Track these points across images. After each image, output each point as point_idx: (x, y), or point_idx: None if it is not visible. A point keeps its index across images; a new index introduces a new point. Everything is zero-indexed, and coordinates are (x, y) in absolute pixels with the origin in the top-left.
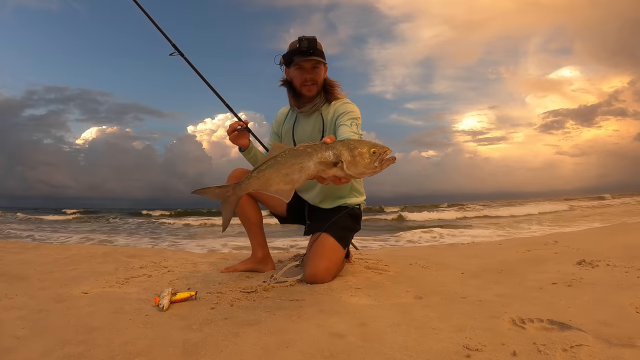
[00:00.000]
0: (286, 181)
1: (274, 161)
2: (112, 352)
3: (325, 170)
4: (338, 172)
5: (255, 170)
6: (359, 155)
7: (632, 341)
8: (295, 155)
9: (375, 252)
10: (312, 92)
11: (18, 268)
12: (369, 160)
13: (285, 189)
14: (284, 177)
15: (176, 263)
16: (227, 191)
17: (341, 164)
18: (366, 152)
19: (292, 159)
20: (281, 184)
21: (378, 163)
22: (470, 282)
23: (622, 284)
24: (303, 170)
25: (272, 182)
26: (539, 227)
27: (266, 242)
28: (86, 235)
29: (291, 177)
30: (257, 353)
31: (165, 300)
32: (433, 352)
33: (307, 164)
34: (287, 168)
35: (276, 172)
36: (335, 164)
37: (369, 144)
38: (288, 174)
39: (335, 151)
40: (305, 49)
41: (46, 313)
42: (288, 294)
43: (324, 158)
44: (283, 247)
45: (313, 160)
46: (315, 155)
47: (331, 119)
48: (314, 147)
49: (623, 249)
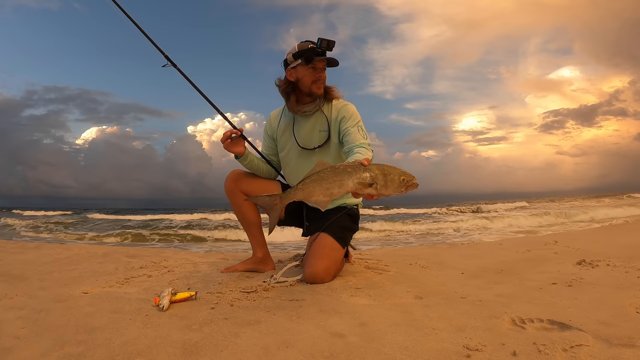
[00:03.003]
0: (326, 194)
1: (318, 176)
2: (112, 352)
3: (361, 189)
4: (372, 191)
5: (301, 183)
6: (390, 181)
7: (632, 341)
8: (336, 173)
9: (375, 252)
10: (321, 90)
11: (18, 268)
12: (397, 185)
13: (324, 200)
14: (325, 190)
15: (176, 263)
16: (274, 199)
17: (375, 185)
18: (397, 179)
19: (334, 175)
20: (321, 196)
21: (404, 188)
22: (470, 282)
23: (622, 284)
24: (342, 187)
25: (314, 194)
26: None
27: (266, 242)
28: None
29: (331, 192)
30: (257, 353)
31: (165, 300)
32: (433, 352)
33: (347, 182)
34: (328, 183)
35: (319, 186)
36: (370, 184)
37: (400, 172)
38: (329, 188)
39: (372, 174)
40: (325, 49)
41: (46, 313)
42: (288, 294)
43: (362, 179)
44: (283, 247)
45: (352, 180)
46: (354, 175)
47: (335, 119)
48: (353, 168)
49: (623, 249)
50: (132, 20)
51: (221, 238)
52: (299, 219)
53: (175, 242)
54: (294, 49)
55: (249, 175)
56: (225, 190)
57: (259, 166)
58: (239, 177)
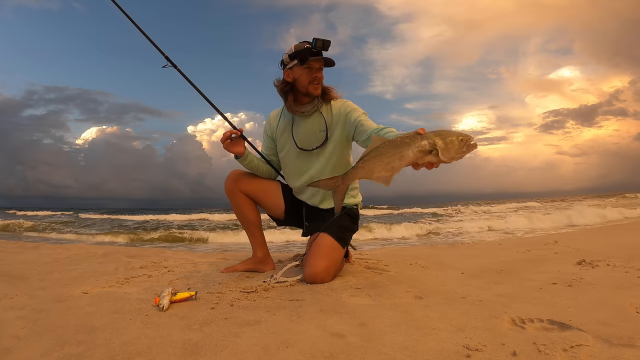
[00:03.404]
0: (387, 169)
1: (377, 152)
2: (112, 352)
3: (422, 157)
4: (432, 158)
5: (361, 161)
6: (450, 143)
7: (632, 341)
8: (395, 145)
9: (375, 252)
10: (318, 91)
11: (18, 268)
12: (458, 146)
13: (386, 175)
14: (386, 165)
15: (176, 263)
16: (336, 181)
17: (435, 151)
18: (456, 140)
19: (393, 149)
20: (382, 171)
21: (466, 148)
22: (470, 282)
23: (622, 284)
24: (403, 159)
25: (375, 170)
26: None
27: (265, 242)
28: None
29: (392, 165)
30: (257, 353)
31: (165, 300)
32: (433, 352)
33: (407, 153)
34: (388, 157)
35: (379, 161)
36: (430, 151)
37: (457, 133)
38: (389, 162)
39: (429, 140)
40: (321, 49)
41: (46, 313)
42: (288, 294)
43: (422, 147)
44: (283, 247)
45: (412, 149)
46: (413, 144)
47: (336, 117)
48: (411, 138)
49: (623, 249)
50: (131, 21)
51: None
52: (298, 219)
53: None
54: (290, 50)
55: (249, 175)
56: (225, 190)
57: (259, 166)
58: (239, 177)
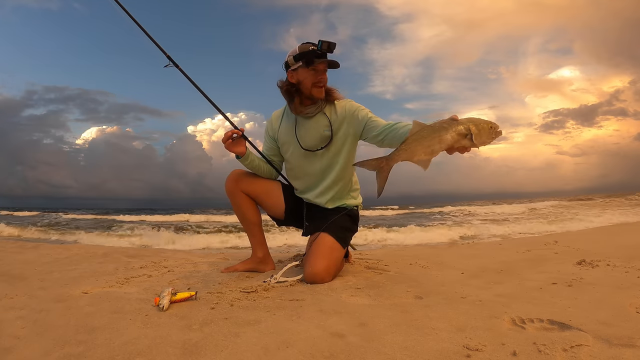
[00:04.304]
0: (427, 152)
1: (418, 135)
2: (112, 352)
3: (459, 141)
4: (467, 142)
5: (404, 144)
6: (482, 129)
7: (632, 341)
8: (434, 130)
9: (375, 252)
10: (322, 93)
11: (18, 268)
12: (488, 133)
13: (426, 159)
14: (426, 148)
15: (176, 263)
16: (380, 162)
17: (470, 135)
18: (486, 126)
19: (433, 133)
20: (422, 154)
21: (495, 134)
22: (470, 282)
23: (622, 284)
24: (442, 142)
25: (417, 153)
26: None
27: (266, 241)
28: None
29: (432, 149)
30: (257, 353)
31: (165, 300)
32: (433, 352)
33: (445, 136)
34: (429, 141)
35: (420, 144)
36: (466, 136)
37: (487, 122)
38: (430, 145)
39: (465, 125)
40: (326, 51)
41: (46, 313)
42: (288, 294)
43: (460, 131)
44: (283, 247)
45: (450, 133)
46: (451, 129)
47: (340, 118)
48: (449, 123)
49: (623, 249)
50: (134, 21)
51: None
52: (299, 219)
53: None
54: (294, 51)
55: (250, 175)
56: (225, 190)
57: (260, 166)
58: (240, 177)
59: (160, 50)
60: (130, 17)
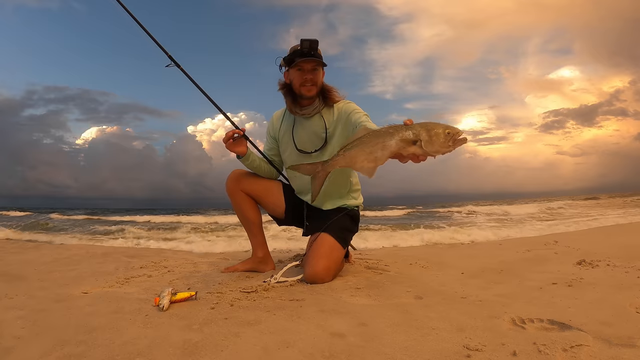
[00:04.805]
0: (370, 159)
1: (359, 141)
2: (112, 352)
3: (405, 148)
4: (417, 150)
5: (342, 149)
6: (435, 135)
7: (632, 341)
8: (378, 135)
9: (375, 252)
10: (311, 92)
11: (18, 268)
12: (444, 139)
13: (369, 166)
14: (368, 155)
15: (176, 263)
16: (316, 167)
17: (420, 142)
18: (441, 133)
19: (376, 138)
20: (365, 161)
21: (452, 142)
22: (470, 282)
23: (622, 284)
24: (385, 148)
25: (357, 160)
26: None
27: (266, 241)
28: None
29: (375, 155)
30: (257, 353)
31: (165, 300)
32: (433, 352)
33: (389, 142)
34: (371, 147)
35: (361, 150)
36: (414, 142)
37: (444, 126)
38: (372, 152)
39: (414, 131)
40: (307, 50)
41: (46, 313)
42: (288, 294)
43: (405, 137)
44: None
45: (395, 139)
46: (396, 134)
47: (336, 120)
48: (395, 128)
49: (623, 249)
50: (136, 21)
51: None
52: (299, 219)
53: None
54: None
55: (251, 175)
56: (226, 189)
57: (261, 166)
58: (240, 177)
59: (162, 49)
60: (132, 17)
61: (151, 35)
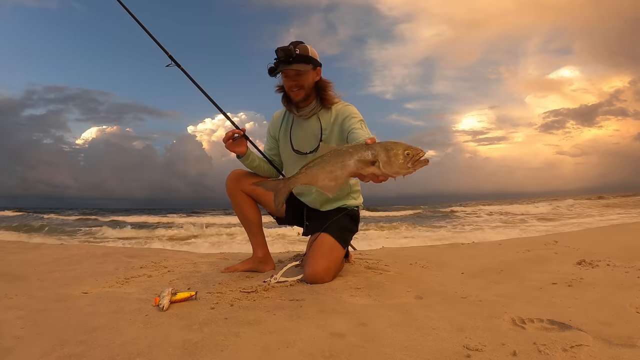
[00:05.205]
0: (330, 178)
1: (321, 160)
2: (112, 352)
3: (364, 168)
4: (375, 170)
5: (304, 167)
6: (393, 156)
7: (632, 341)
8: (338, 154)
9: (376, 252)
10: (299, 96)
11: (18, 268)
12: (402, 161)
13: (330, 184)
14: (329, 173)
15: (176, 263)
16: (279, 184)
17: (378, 163)
18: (400, 154)
19: (336, 157)
20: (326, 180)
21: (411, 164)
22: (470, 282)
23: (622, 284)
24: (345, 168)
25: (318, 178)
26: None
27: (266, 241)
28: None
29: (335, 174)
30: (257, 353)
31: (165, 300)
32: (433, 352)
33: (349, 162)
34: (331, 166)
35: (322, 169)
36: (373, 162)
37: (404, 146)
38: (332, 171)
39: (373, 151)
40: (283, 58)
41: (46, 313)
42: (288, 294)
43: (363, 157)
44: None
45: (354, 158)
46: (356, 154)
47: (332, 123)
48: (355, 147)
49: (623, 249)
50: (136, 20)
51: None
52: (299, 219)
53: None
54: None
55: (251, 174)
56: (226, 189)
57: (261, 166)
58: (240, 177)
59: (162, 49)
60: (133, 17)
61: (151, 35)
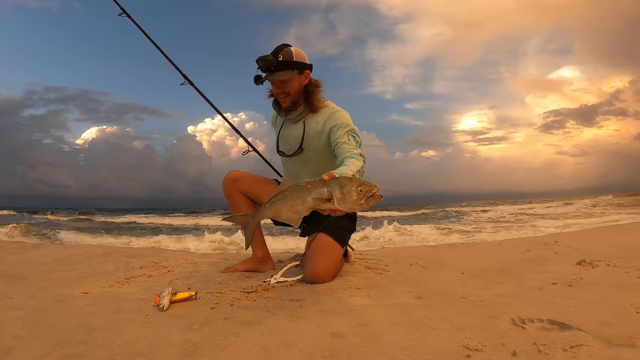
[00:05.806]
0: (293, 212)
1: (283, 195)
2: (112, 352)
3: (320, 205)
4: (331, 206)
5: (268, 202)
6: (347, 193)
7: (632, 341)
8: (298, 190)
9: (375, 252)
10: (286, 103)
11: (18, 268)
12: (355, 197)
13: (293, 217)
14: (291, 208)
15: (176, 263)
16: (247, 218)
17: (333, 200)
18: (354, 190)
19: (296, 193)
20: (289, 213)
21: (364, 200)
22: (470, 282)
23: (622, 284)
24: (304, 204)
25: (282, 212)
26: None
27: (265, 242)
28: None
29: (296, 209)
30: (257, 353)
31: (165, 300)
32: (433, 352)
33: (307, 198)
34: (292, 201)
35: (284, 204)
36: (329, 199)
37: (358, 183)
38: (293, 205)
39: (329, 188)
40: (264, 68)
41: (46, 313)
42: (288, 294)
43: (319, 194)
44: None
45: (311, 195)
46: (313, 191)
47: (320, 129)
48: (313, 184)
49: (623, 249)
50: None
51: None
52: None
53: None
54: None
55: (248, 175)
56: (223, 190)
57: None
58: (237, 178)
59: (176, 69)
60: (148, 37)
61: (166, 54)
